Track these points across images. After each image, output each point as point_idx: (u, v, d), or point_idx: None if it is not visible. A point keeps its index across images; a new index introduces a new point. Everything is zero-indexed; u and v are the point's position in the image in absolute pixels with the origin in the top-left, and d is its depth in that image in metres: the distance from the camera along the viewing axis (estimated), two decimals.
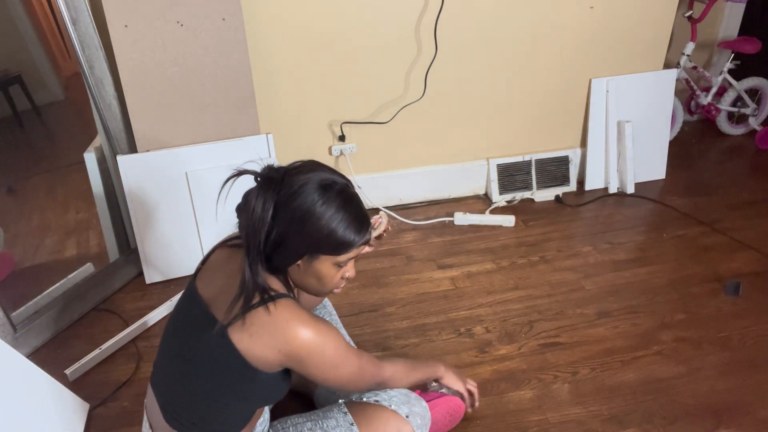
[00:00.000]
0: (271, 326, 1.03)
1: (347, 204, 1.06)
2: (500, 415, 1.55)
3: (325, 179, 1.06)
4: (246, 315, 1.03)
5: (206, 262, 1.18)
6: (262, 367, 1.06)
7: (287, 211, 1.03)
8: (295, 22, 2.08)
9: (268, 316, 1.03)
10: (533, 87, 2.41)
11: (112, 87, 1.93)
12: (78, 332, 1.89)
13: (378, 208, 2.47)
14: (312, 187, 1.04)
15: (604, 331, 1.81)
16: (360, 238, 1.08)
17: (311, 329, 1.05)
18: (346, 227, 1.05)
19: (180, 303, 1.17)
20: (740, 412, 1.53)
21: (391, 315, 1.91)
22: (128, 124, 1.97)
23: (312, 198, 1.03)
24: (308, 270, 1.09)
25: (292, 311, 1.05)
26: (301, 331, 1.04)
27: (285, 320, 1.03)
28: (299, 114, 2.26)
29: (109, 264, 2.07)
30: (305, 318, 1.05)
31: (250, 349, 1.04)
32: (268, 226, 1.03)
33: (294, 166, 1.09)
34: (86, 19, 1.83)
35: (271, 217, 1.03)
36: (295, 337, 1.03)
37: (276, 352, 1.04)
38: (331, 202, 1.04)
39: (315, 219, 1.03)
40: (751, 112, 2.93)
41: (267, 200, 1.02)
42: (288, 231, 1.04)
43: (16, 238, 1.93)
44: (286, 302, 1.05)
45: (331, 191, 1.05)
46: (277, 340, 1.03)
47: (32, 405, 1.39)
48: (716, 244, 2.20)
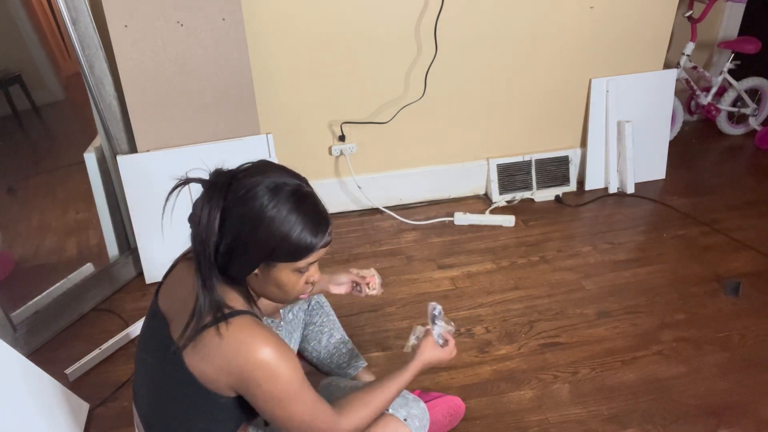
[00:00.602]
0: (222, 348, 0.95)
1: (300, 205, 0.98)
2: (500, 415, 1.55)
3: (276, 182, 0.98)
4: (197, 336, 0.96)
5: (168, 276, 1.12)
6: (218, 391, 0.99)
7: (235, 219, 0.95)
8: (295, 22, 2.08)
9: (219, 337, 0.95)
10: (533, 87, 2.41)
11: (112, 87, 1.93)
12: (78, 332, 1.89)
13: (377, 208, 2.47)
14: (261, 191, 0.96)
15: (604, 331, 1.81)
16: (318, 241, 0.99)
17: (265, 354, 0.95)
18: (300, 231, 0.97)
19: (146, 320, 1.11)
20: (740, 412, 1.53)
21: (391, 315, 1.91)
22: (128, 124, 1.97)
23: (261, 202, 0.95)
24: (267, 279, 1.02)
25: (247, 331, 0.96)
26: (253, 355, 0.94)
27: (237, 342, 0.95)
28: (299, 114, 2.26)
29: (109, 264, 2.07)
30: (260, 340, 0.96)
31: (204, 373, 0.97)
32: (216, 236, 0.95)
33: (242, 169, 1.01)
34: (86, 19, 1.83)
35: (218, 226, 0.95)
36: (246, 361, 0.95)
37: (227, 375, 0.96)
38: (282, 205, 0.96)
39: (265, 224, 0.95)
40: (751, 112, 2.93)
41: (213, 208, 0.95)
42: (238, 240, 0.96)
43: (16, 238, 1.93)
44: (242, 321, 0.97)
45: (281, 193, 0.97)
46: (228, 362, 0.95)
47: (32, 405, 1.39)
48: (716, 244, 2.20)
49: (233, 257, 0.97)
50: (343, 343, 1.54)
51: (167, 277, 1.13)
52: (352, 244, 2.28)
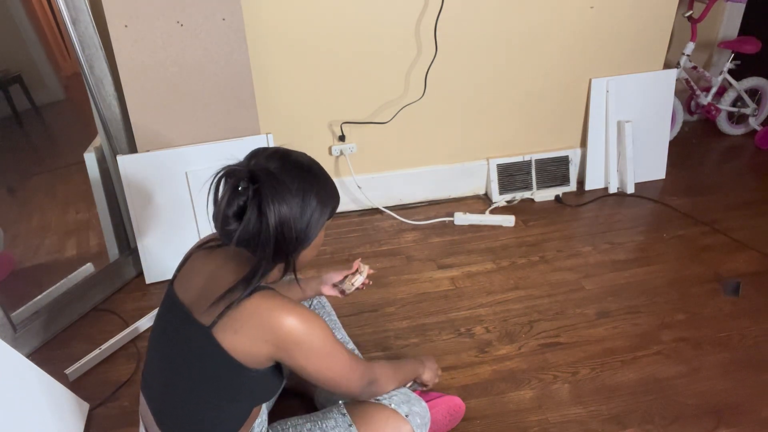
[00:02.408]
0: (255, 318, 1.01)
1: (320, 170, 1.08)
2: (500, 415, 1.55)
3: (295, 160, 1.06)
4: (228, 312, 1.01)
5: (182, 268, 1.15)
6: (251, 363, 1.04)
7: (286, 212, 1.01)
8: (295, 23, 2.08)
9: (252, 308, 1.01)
10: (533, 87, 2.41)
11: (112, 87, 1.93)
12: (78, 332, 1.89)
13: (377, 208, 2.47)
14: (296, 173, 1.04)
15: (604, 331, 1.81)
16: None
17: (297, 316, 1.02)
18: (333, 186, 1.10)
19: (161, 311, 1.15)
20: (740, 412, 1.53)
21: (391, 315, 1.91)
22: (128, 124, 1.97)
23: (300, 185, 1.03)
24: (315, 244, 1.12)
25: (275, 300, 1.03)
26: (287, 319, 1.01)
27: (269, 309, 1.01)
28: (299, 114, 2.26)
29: (109, 264, 2.07)
30: (290, 306, 1.03)
31: (237, 346, 1.02)
32: (274, 236, 1.00)
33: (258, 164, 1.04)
34: (86, 19, 1.83)
35: (274, 226, 1.00)
36: (281, 325, 1.01)
37: (263, 343, 1.02)
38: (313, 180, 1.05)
39: (314, 203, 1.04)
40: (751, 112, 2.93)
41: (264, 212, 0.99)
42: (297, 230, 1.03)
43: (16, 238, 1.93)
44: (265, 293, 1.03)
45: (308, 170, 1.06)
46: (264, 330, 1.01)
47: (32, 405, 1.39)
48: (716, 244, 2.20)
49: (295, 245, 1.04)
50: (344, 343, 1.54)
51: (181, 269, 1.16)
52: (352, 244, 2.28)
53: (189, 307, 1.07)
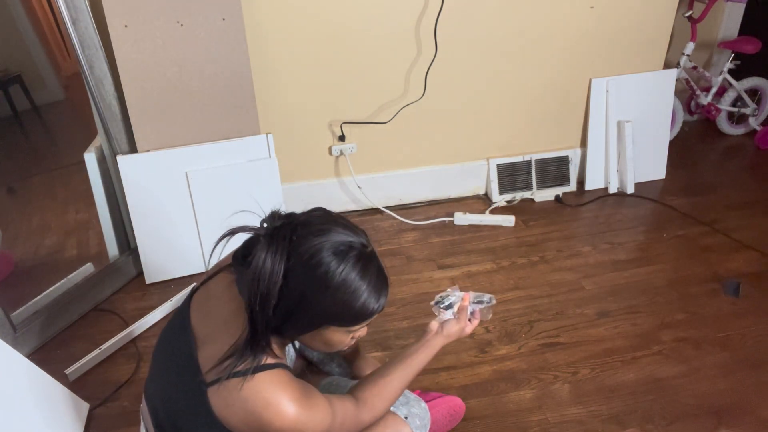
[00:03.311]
0: (250, 404, 0.92)
1: (366, 271, 0.95)
2: (500, 415, 1.55)
3: (341, 242, 0.94)
4: (228, 380, 0.93)
5: (205, 285, 1.08)
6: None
7: (298, 282, 0.92)
8: (296, 22, 2.08)
9: (250, 391, 0.92)
10: (533, 87, 2.41)
11: (112, 87, 1.93)
12: (78, 332, 1.89)
13: (377, 208, 2.47)
14: (327, 255, 0.92)
15: (604, 331, 1.81)
16: (379, 306, 0.97)
17: (290, 415, 0.93)
18: (366, 298, 0.94)
19: (173, 322, 1.09)
20: (740, 412, 1.53)
21: (391, 315, 1.91)
22: (128, 124, 1.97)
23: (327, 268, 0.91)
24: (317, 336, 1.00)
25: (273, 389, 0.93)
26: (278, 417, 0.92)
27: (265, 401, 0.92)
28: (299, 114, 2.26)
29: (109, 264, 2.07)
30: (287, 398, 0.93)
31: (225, 417, 0.95)
32: (275, 298, 0.91)
33: (303, 220, 0.96)
34: (86, 19, 1.83)
35: (279, 287, 0.91)
36: (271, 422, 0.92)
37: (247, 426, 0.94)
38: (349, 272, 0.93)
39: (331, 292, 0.92)
40: (751, 112, 2.93)
41: (275, 268, 0.90)
42: (300, 304, 0.93)
43: (16, 238, 1.93)
44: (270, 377, 0.94)
45: (348, 258, 0.93)
46: (254, 419, 0.93)
47: (32, 405, 1.39)
48: (716, 244, 2.20)
49: (291, 318, 0.94)
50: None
51: (205, 283, 1.09)
52: None
53: (198, 340, 1.01)
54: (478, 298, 1.29)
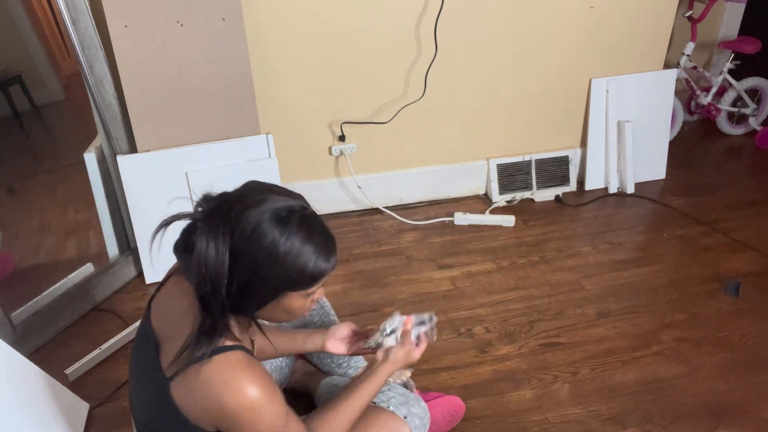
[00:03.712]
0: (205, 387, 0.91)
1: (311, 232, 0.94)
2: (500, 415, 1.55)
3: (280, 209, 0.93)
4: (186, 370, 0.92)
5: (161, 290, 1.09)
6: (200, 425, 0.96)
7: (247, 257, 0.91)
8: (296, 22, 2.08)
9: (206, 376, 0.91)
10: (533, 87, 2.41)
11: (112, 87, 1.93)
12: (78, 332, 1.89)
13: (377, 208, 2.47)
14: (269, 224, 0.91)
15: (604, 331, 1.81)
16: (330, 265, 0.97)
17: (248, 397, 0.91)
18: (316, 259, 0.94)
19: (138, 335, 1.08)
20: (740, 412, 1.53)
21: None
22: (128, 124, 1.97)
23: (272, 236, 0.91)
24: (276, 307, 0.98)
25: (231, 371, 0.92)
26: (235, 398, 0.91)
27: (223, 383, 0.91)
28: (299, 114, 2.26)
29: (109, 264, 2.07)
30: (245, 381, 0.92)
31: (188, 409, 0.94)
32: (227, 279, 0.90)
33: (237, 198, 0.95)
34: (86, 19, 1.83)
35: (228, 268, 0.90)
36: (228, 404, 0.91)
37: (207, 413, 0.93)
38: (293, 236, 0.92)
39: (280, 261, 0.91)
40: (751, 112, 2.93)
41: (219, 249, 0.89)
42: (252, 279, 0.92)
43: (16, 238, 1.93)
44: (229, 358, 0.93)
45: (290, 222, 0.92)
46: (211, 402, 0.92)
47: (32, 405, 1.39)
48: (716, 244, 2.20)
49: (247, 295, 0.94)
50: None
51: (160, 290, 1.09)
52: (352, 244, 2.28)
53: (159, 340, 1.00)
54: (419, 320, 1.27)
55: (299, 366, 1.60)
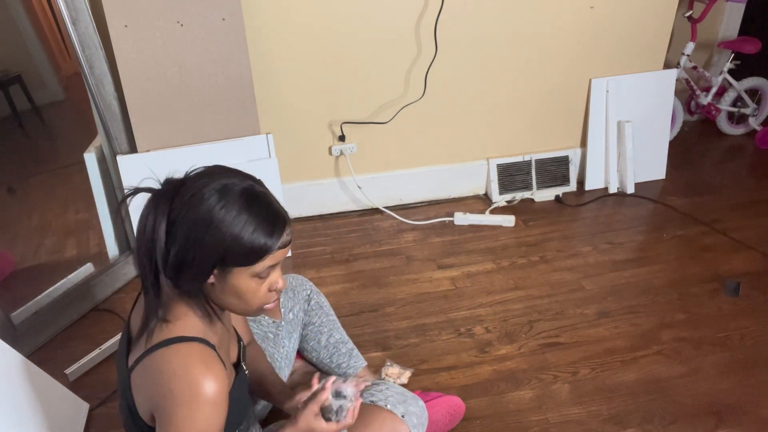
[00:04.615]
0: (158, 373, 0.89)
1: (252, 204, 0.91)
2: (500, 415, 1.55)
3: (224, 182, 0.92)
4: (143, 360, 0.91)
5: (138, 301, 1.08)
6: (146, 418, 0.94)
7: (182, 224, 0.89)
8: (296, 22, 2.08)
9: (161, 361, 0.90)
10: (533, 87, 2.41)
11: (112, 87, 1.93)
12: (78, 332, 1.89)
13: (377, 208, 2.47)
14: (208, 192, 0.90)
15: (604, 331, 1.81)
16: (274, 242, 0.93)
17: (195, 389, 0.88)
18: (253, 231, 0.90)
19: (121, 336, 1.08)
20: (740, 412, 1.53)
21: (391, 315, 1.91)
22: (128, 124, 1.97)
23: (208, 203, 0.89)
24: (224, 287, 0.94)
25: (191, 360, 0.90)
26: (181, 387, 0.88)
27: (174, 369, 0.89)
28: (299, 114, 2.26)
29: (109, 264, 2.07)
30: (201, 373, 0.89)
31: (137, 396, 0.93)
32: (163, 246, 0.89)
33: (191, 174, 0.95)
34: (86, 19, 1.83)
35: (165, 234, 0.88)
36: (173, 390, 0.88)
37: (150, 400, 0.91)
38: (231, 205, 0.90)
39: (215, 226, 0.89)
40: (751, 112, 2.93)
41: (158, 215, 0.88)
42: (187, 246, 0.89)
43: (16, 238, 1.93)
44: (190, 349, 0.91)
45: (230, 193, 0.91)
46: (155, 391, 0.90)
47: (32, 405, 1.39)
48: (716, 244, 2.20)
49: (184, 265, 0.90)
50: (342, 343, 1.54)
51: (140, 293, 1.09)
52: (352, 244, 2.28)
53: (132, 339, 0.99)
54: (343, 392, 1.12)
55: (299, 366, 1.60)
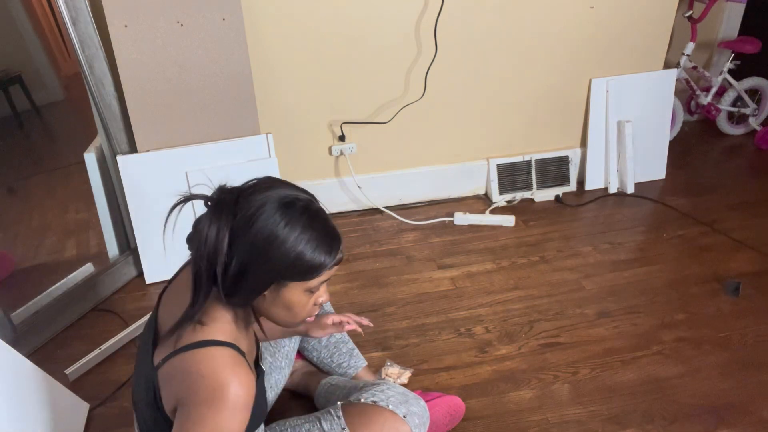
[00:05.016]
0: (186, 373, 0.90)
1: (314, 222, 0.94)
2: (500, 415, 1.55)
3: (286, 196, 0.94)
4: (172, 359, 0.93)
5: (173, 281, 1.09)
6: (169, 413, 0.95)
7: (246, 237, 0.91)
8: (296, 22, 2.08)
9: (191, 361, 0.91)
10: (533, 87, 2.41)
11: (112, 87, 1.93)
12: (78, 332, 1.89)
13: (377, 208, 2.47)
14: (272, 207, 0.92)
15: (604, 331, 1.81)
16: (331, 259, 0.96)
17: (221, 391, 0.88)
18: (315, 248, 0.93)
19: (145, 328, 1.08)
20: (740, 412, 1.53)
21: (391, 315, 1.91)
22: (128, 124, 1.97)
23: (273, 219, 0.91)
24: (276, 300, 0.98)
25: (222, 361, 0.91)
26: (207, 388, 0.89)
27: (204, 370, 0.90)
28: (299, 114, 2.26)
29: (109, 264, 2.07)
30: (230, 376, 0.90)
31: (164, 397, 0.94)
32: (225, 257, 0.91)
33: (248, 185, 0.97)
34: (86, 19, 1.83)
35: (227, 246, 0.91)
36: (197, 392, 0.89)
37: (175, 399, 0.92)
38: (295, 222, 0.92)
39: (279, 242, 0.91)
40: (751, 112, 2.93)
41: (221, 227, 0.90)
42: (249, 260, 0.91)
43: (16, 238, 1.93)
44: (215, 353, 0.92)
45: (293, 209, 0.93)
46: (180, 388, 0.91)
47: (32, 405, 1.39)
48: (716, 244, 2.20)
49: (244, 278, 0.93)
50: (343, 343, 1.54)
51: (172, 281, 1.10)
52: (352, 244, 2.28)
53: (159, 330, 1.01)
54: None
55: (299, 366, 1.60)
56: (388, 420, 1.21)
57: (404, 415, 1.23)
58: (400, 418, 1.22)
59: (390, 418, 1.21)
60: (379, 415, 1.21)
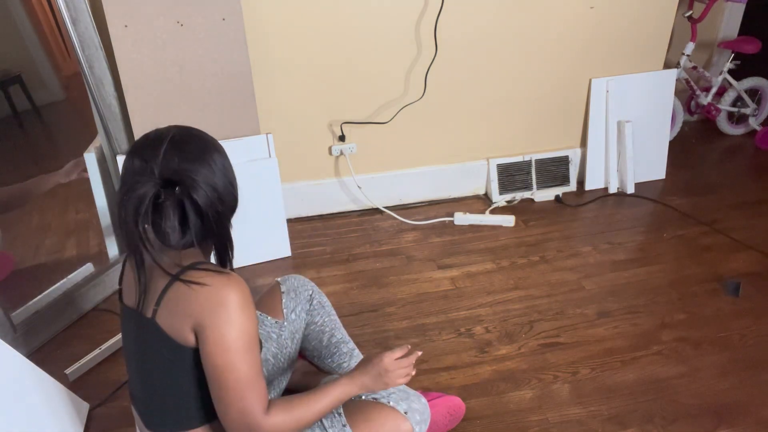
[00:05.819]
0: (191, 294, 0.98)
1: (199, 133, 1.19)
2: (500, 415, 1.55)
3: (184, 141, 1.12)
4: (164, 296, 1.00)
5: (122, 280, 1.16)
6: (185, 342, 1.01)
7: (212, 190, 1.03)
8: (296, 22, 2.08)
9: (188, 285, 0.98)
10: (533, 87, 2.41)
11: (112, 87, 1.93)
12: (78, 332, 1.89)
13: (377, 208, 2.47)
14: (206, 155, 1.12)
15: (604, 331, 1.81)
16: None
17: (228, 296, 0.97)
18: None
19: (122, 326, 1.15)
20: (740, 412, 1.53)
21: (391, 315, 1.91)
22: (128, 124, 1.97)
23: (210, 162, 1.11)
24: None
25: (216, 275, 0.99)
26: (216, 295, 0.97)
27: (205, 287, 0.98)
28: (299, 114, 2.26)
29: (109, 264, 2.07)
30: (229, 284, 0.98)
31: (172, 326, 1.00)
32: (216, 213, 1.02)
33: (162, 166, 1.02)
34: (86, 19, 1.83)
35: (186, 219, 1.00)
36: (208, 299, 0.97)
37: (188, 317, 0.98)
38: (206, 147, 1.16)
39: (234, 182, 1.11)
40: (751, 112, 2.93)
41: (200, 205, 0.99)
42: (220, 203, 1.03)
43: (16, 238, 1.93)
44: (208, 266, 1.01)
45: (198, 142, 1.17)
46: (192, 304, 0.98)
47: (32, 405, 1.39)
48: (716, 244, 2.20)
49: (220, 219, 1.03)
50: (343, 343, 1.54)
51: (121, 281, 1.16)
52: (352, 244, 2.28)
53: (136, 308, 1.06)
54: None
55: (299, 366, 1.60)
56: (389, 416, 1.21)
57: (405, 411, 1.23)
58: (401, 415, 1.22)
59: (391, 414, 1.22)
60: (380, 412, 1.22)
